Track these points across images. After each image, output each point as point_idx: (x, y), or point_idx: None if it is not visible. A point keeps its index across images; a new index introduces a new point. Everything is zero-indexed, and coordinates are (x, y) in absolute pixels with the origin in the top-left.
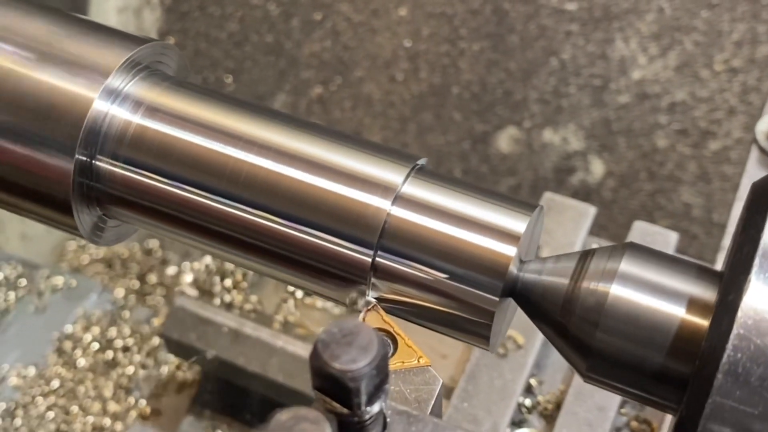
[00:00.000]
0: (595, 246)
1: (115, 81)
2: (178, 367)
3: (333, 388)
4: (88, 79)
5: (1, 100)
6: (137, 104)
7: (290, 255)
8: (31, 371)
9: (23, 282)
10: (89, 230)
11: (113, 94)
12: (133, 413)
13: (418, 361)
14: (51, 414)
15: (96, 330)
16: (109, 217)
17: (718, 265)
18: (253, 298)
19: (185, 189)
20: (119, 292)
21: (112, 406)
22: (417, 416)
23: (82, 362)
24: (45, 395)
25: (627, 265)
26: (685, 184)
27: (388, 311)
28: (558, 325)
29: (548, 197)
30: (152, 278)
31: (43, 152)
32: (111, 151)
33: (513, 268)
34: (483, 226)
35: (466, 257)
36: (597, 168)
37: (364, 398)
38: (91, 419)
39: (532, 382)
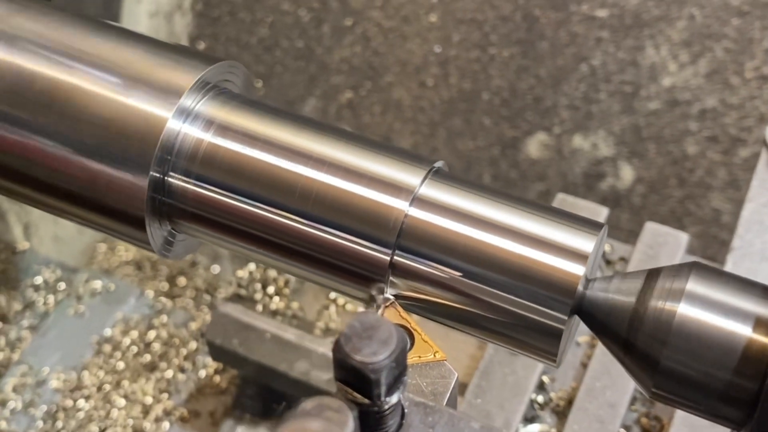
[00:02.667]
0: (607, 248)
1: (187, 100)
2: (216, 371)
3: (354, 379)
4: (161, 99)
5: (80, 120)
6: (208, 123)
7: (316, 254)
8: (71, 374)
9: (62, 286)
10: (160, 245)
11: (185, 113)
12: (173, 416)
13: (434, 356)
14: (92, 416)
15: (134, 333)
16: (178, 232)
17: (728, 266)
18: (295, 304)
19: (255, 205)
20: (149, 294)
21: (152, 409)
22: (433, 407)
23: (121, 365)
24: (86, 398)
25: (694, 285)
26: (715, 190)
27: (406, 308)
28: (625, 343)
29: (561, 198)
30: (182, 281)
31: (119, 170)
32: (183, 168)
33: (580, 287)
34: (548, 244)
35: (532, 275)
36: (627, 174)
37: (383, 389)
38: (131, 422)
39: (545, 379)
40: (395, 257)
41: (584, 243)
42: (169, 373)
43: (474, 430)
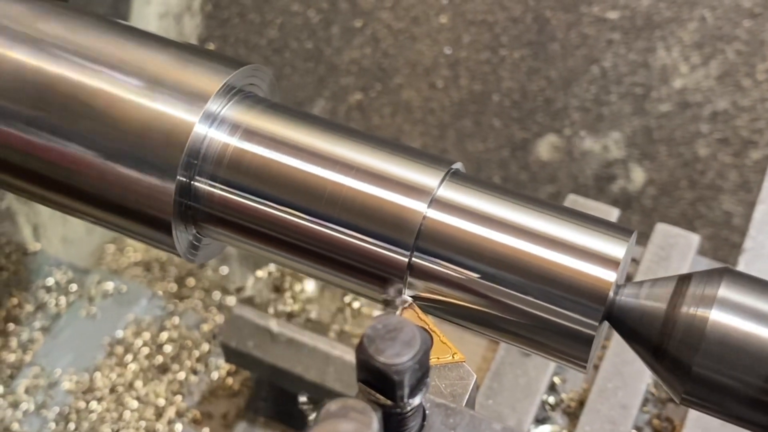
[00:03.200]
0: None
1: (213, 105)
2: (228, 373)
3: (377, 380)
4: (188, 103)
5: (107, 124)
6: (235, 127)
7: (336, 257)
8: (84, 376)
9: (74, 287)
10: (186, 248)
11: (211, 118)
12: (185, 418)
13: (453, 357)
14: (104, 418)
15: (146, 335)
16: (203, 236)
17: (740, 267)
18: (309, 307)
19: (282, 210)
20: (160, 296)
21: (164, 411)
22: (454, 409)
23: (133, 367)
24: (98, 400)
25: (725, 291)
26: (726, 192)
27: (424, 309)
28: (656, 349)
29: (572, 199)
30: (191, 281)
31: (146, 174)
32: (210, 172)
33: (611, 293)
34: (575, 248)
35: (557, 280)
36: (638, 176)
37: (406, 391)
38: (143, 424)
39: (556, 380)
40: (413, 259)
41: (615, 249)
42: (182, 375)
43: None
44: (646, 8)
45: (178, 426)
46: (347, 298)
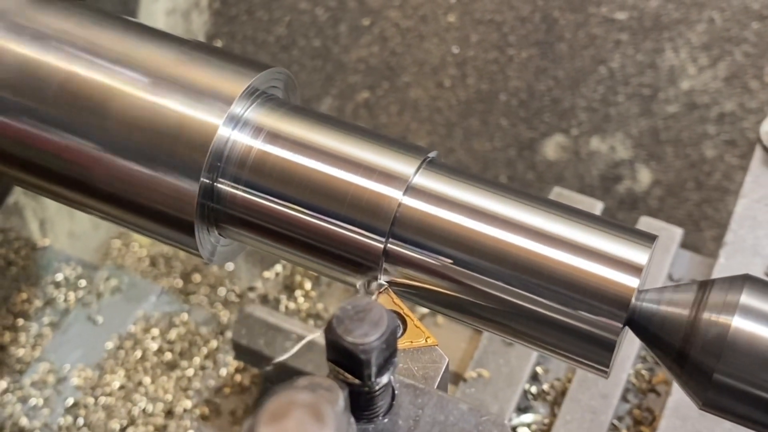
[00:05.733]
0: None
1: (237, 108)
2: (237, 370)
3: (346, 360)
4: (212, 105)
5: (133, 124)
6: (258, 130)
7: (314, 242)
8: (92, 371)
9: (83, 283)
10: (207, 250)
11: (235, 120)
12: (193, 414)
13: (426, 341)
14: (112, 414)
15: (155, 331)
16: (224, 237)
17: (720, 260)
18: (320, 305)
19: (304, 212)
20: (169, 292)
21: (173, 407)
22: (423, 389)
23: (142, 363)
24: (107, 395)
25: (748, 298)
26: (733, 194)
27: (400, 295)
28: (678, 355)
29: (557, 191)
30: (197, 277)
31: (170, 175)
32: (233, 174)
33: (633, 298)
34: (598, 254)
35: (585, 286)
36: (644, 177)
37: (374, 370)
38: (151, 419)
39: (538, 369)
40: (389, 245)
41: (639, 255)
42: (190, 372)
43: (462, 412)
44: (655, 9)
45: (186, 422)
46: None
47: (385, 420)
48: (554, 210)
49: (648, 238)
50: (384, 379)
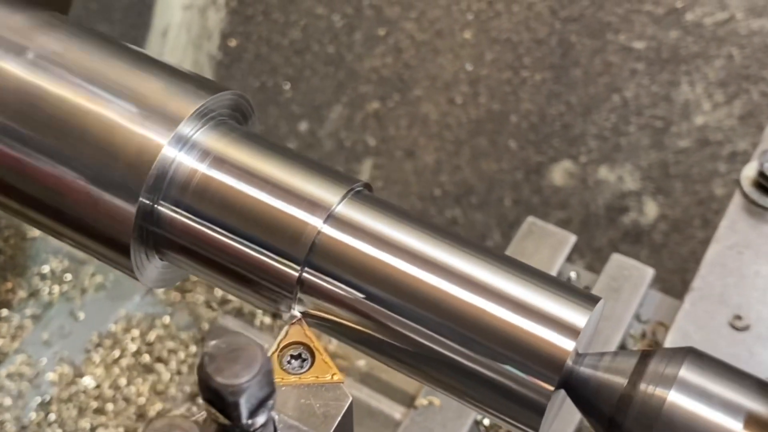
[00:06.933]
0: (572, 274)
1: (186, 128)
2: None
3: (217, 400)
4: (159, 124)
5: (73, 136)
6: (205, 153)
7: (236, 269)
8: (69, 368)
9: (68, 277)
10: (145, 273)
11: (182, 141)
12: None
13: (332, 378)
14: (85, 412)
15: (136, 332)
16: (163, 260)
17: (685, 305)
18: None
19: (231, 237)
20: (154, 293)
21: (145, 411)
22: None
23: (119, 363)
24: (82, 392)
25: (687, 372)
26: None
27: (315, 327)
28: (610, 423)
29: (530, 221)
30: (186, 285)
31: (109, 193)
32: (174, 197)
33: (569, 361)
34: (533, 310)
35: (516, 342)
36: (650, 210)
37: (244, 412)
38: (123, 421)
39: None
40: (304, 273)
41: (577, 317)
42: (167, 376)
43: None
44: (674, 41)
45: None
46: None
47: None
48: (490, 259)
49: (591, 301)
50: (259, 420)
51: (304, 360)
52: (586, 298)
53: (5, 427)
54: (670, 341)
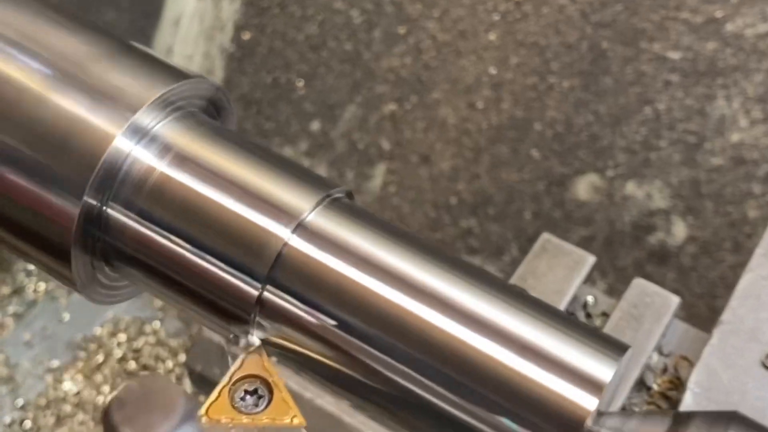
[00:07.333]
0: (590, 299)
1: (145, 118)
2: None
3: None
4: (113, 111)
5: (11, 119)
6: (165, 149)
7: (189, 284)
8: (49, 372)
9: None
10: (87, 285)
11: (140, 133)
12: None
13: (291, 421)
14: (63, 420)
15: (123, 337)
16: (111, 272)
17: (713, 340)
18: None
19: (185, 247)
20: (145, 297)
21: None
22: None
23: (103, 369)
24: (60, 400)
25: None
26: None
27: (279, 358)
28: None
29: (545, 238)
30: None
31: (49, 190)
32: (125, 198)
33: (589, 422)
34: (548, 358)
35: (524, 397)
36: (679, 230)
37: None
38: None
39: None
40: (265, 292)
41: (603, 369)
42: None
43: None
44: (711, 52)
45: None
46: None
47: None
48: (495, 290)
49: (618, 349)
50: None
51: (260, 397)
52: (611, 344)
53: None
54: (694, 380)
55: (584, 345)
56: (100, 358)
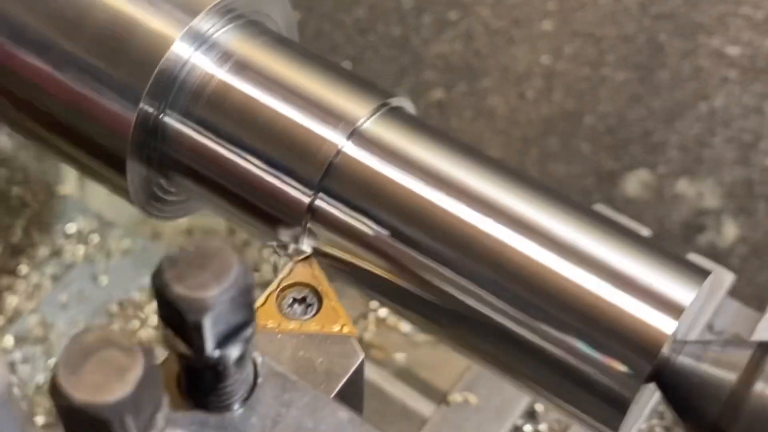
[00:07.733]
0: None
1: (205, 23)
2: None
3: (175, 318)
4: (172, 15)
5: (70, 23)
6: (226, 56)
7: (243, 192)
8: None
9: (95, 238)
10: (143, 197)
11: (199, 40)
12: None
13: (341, 329)
14: None
15: None
16: (168, 184)
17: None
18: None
19: (239, 154)
20: None
21: None
22: (295, 382)
23: (138, 335)
24: None
25: None
26: None
27: (328, 267)
28: (713, 429)
29: (598, 208)
30: None
31: (103, 94)
32: (184, 106)
33: (666, 348)
34: (622, 277)
35: (595, 317)
36: (730, 231)
37: (210, 338)
38: None
39: (537, 407)
40: (317, 200)
41: (680, 291)
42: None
43: (338, 421)
44: None
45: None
46: (373, 304)
47: (236, 413)
48: (567, 206)
49: (699, 274)
50: (232, 354)
51: (309, 305)
52: (692, 269)
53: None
54: None
55: (664, 268)
56: (136, 323)
